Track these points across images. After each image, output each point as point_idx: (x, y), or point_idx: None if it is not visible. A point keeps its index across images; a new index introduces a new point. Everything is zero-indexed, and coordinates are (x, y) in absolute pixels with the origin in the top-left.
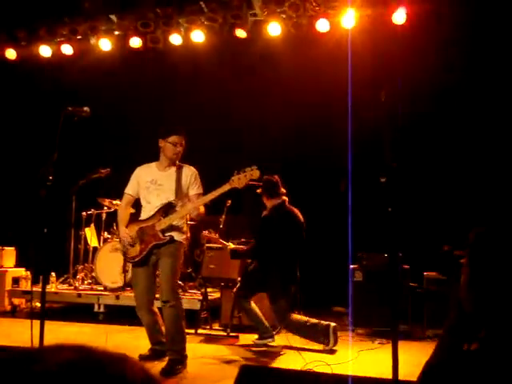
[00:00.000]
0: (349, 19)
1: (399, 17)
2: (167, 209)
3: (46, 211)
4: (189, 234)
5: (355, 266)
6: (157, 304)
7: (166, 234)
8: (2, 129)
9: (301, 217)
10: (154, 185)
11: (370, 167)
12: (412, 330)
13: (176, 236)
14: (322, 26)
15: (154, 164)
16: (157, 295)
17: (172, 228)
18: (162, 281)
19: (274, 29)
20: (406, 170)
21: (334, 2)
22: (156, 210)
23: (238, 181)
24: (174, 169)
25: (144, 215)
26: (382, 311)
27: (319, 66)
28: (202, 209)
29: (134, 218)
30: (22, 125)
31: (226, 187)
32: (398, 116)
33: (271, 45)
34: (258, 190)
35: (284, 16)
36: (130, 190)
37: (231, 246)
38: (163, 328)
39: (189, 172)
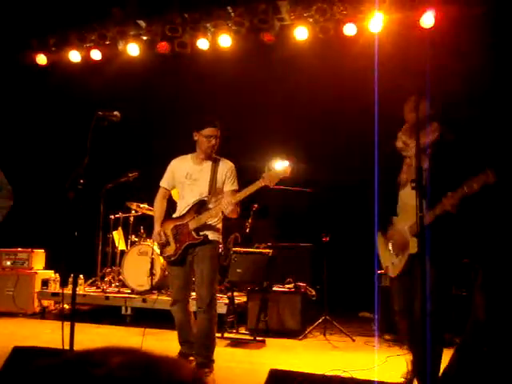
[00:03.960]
0: (376, 23)
1: (427, 20)
2: (200, 206)
3: (75, 214)
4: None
5: (382, 271)
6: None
7: (201, 234)
8: (34, 133)
9: None
10: (188, 179)
11: (397, 171)
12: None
13: (210, 235)
14: (349, 30)
15: (189, 156)
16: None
17: (206, 227)
18: (197, 286)
19: (301, 33)
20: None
21: (362, 6)
22: (189, 207)
23: (270, 178)
24: (209, 162)
25: (179, 211)
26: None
27: (346, 70)
28: (237, 208)
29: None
30: (53, 129)
31: (258, 184)
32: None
33: (298, 49)
34: None
35: (311, 20)
36: (164, 182)
37: None
38: (194, 329)
39: (225, 167)
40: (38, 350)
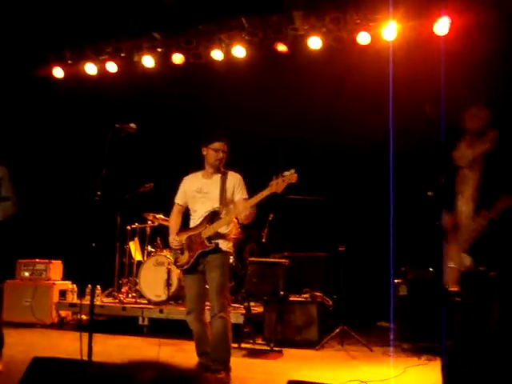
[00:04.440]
0: (390, 31)
1: (442, 28)
2: (212, 216)
3: (93, 225)
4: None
5: (399, 280)
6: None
7: (212, 242)
8: (51, 145)
9: None
10: (199, 193)
11: (414, 181)
12: None
13: (221, 244)
14: (363, 38)
15: (199, 173)
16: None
17: (218, 235)
18: (210, 293)
19: (315, 43)
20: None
21: (375, 15)
22: (202, 218)
23: (277, 185)
24: (218, 176)
25: (192, 223)
26: (428, 326)
27: (360, 78)
28: (252, 214)
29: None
30: (71, 141)
31: (265, 192)
32: (443, 129)
33: (312, 59)
34: None
35: (325, 30)
36: (178, 199)
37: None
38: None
39: (233, 178)
40: (57, 360)
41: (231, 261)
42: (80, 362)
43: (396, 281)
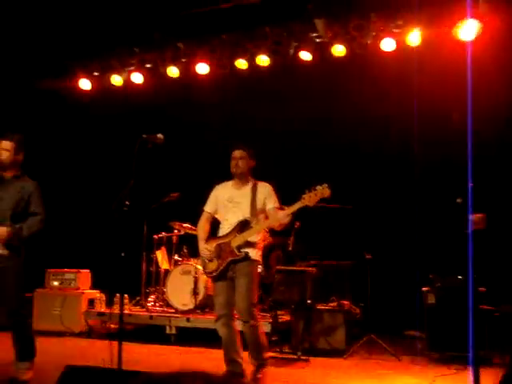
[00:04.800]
0: (415, 37)
1: (468, 33)
2: (243, 226)
3: (121, 235)
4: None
5: (427, 288)
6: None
7: (242, 250)
8: (79, 157)
9: None
10: (231, 203)
11: (441, 188)
12: (490, 356)
13: (251, 253)
14: (388, 45)
15: (230, 182)
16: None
17: (247, 244)
18: (238, 301)
19: (339, 50)
20: (481, 191)
21: (399, 21)
22: (232, 227)
23: (309, 199)
24: (249, 186)
25: (222, 232)
26: (457, 336)
27: (384, 85)
28: (289, 215)
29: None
30: (98, 152)
31: (297, 205)
32: (470, 137)
33: (336, 66)
34: None
35: (348, 37)
36: (208, 207)
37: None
38: (240, 350)
39: (264, 189)
40: (89, 368)
41: (260, 270)
42: (111, 371)
43: (424, 289)
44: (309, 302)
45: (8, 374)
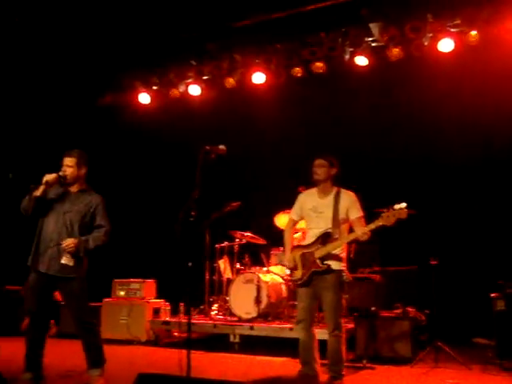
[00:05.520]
0: (473, 37)
1: None
2: (325, 238)
3: (185, 245)
4: None
5: (496, 294)
6: None
7: (325, 263)
8: (142, 169)
9: None
10: (315, 212)
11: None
12: None
13: (334, 265)
14: (445, 45)
15: (315, 190)
16: None
17: (330, 256)
18: (325, 313)
19: (395, 53)
20: None
21: (457, 20)
22: (316, 237)
23: (387, 219)
24: (332, 196)
25: (307, 241)
26: None
27: (444, 87)
28: (368, 232)
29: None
30: (160, 164)
31: (376, 224)
32: None
33: (392, 69)
34: None
35: (405, 39)
36: (293, 214)
37: None
38: (316, 354)
39: (347, 197)
40: (161, 376)
41: (344, 277)
42: (184, 379)
43: (493, 295)
44: (373, 309)
45: (82, 381)
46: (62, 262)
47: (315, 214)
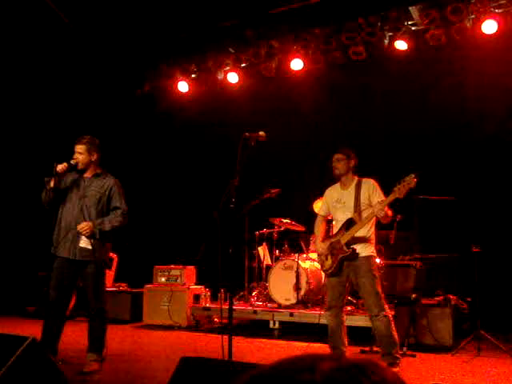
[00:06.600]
0: None
1: None
2: (348, 224)
3: (226, 232)
4: None
5: None
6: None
7: (350, 247)
8: (182, 157)
9: None
10: (339, 203)
11: None
12: None
13: (360, 249)
14: (489, 27)
15: (338, 184)
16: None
17: (355, 240)
18: (365, 300)
19: (436, 37)
20: None
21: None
22: (340, 226)
23: (399, 191)
24: (353, 186)
25: (334, 231)
26: None
27: (488, 70)
28: (389, 212)
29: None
30: (198, 151)
31: (390, 198)
32: None
33: (434, 53)
34: None
35: (446, 22)
36: (320, 210)
37: None
38: (345, 339)
39: (367, 185)
40: (205, 360)
41: (378, 261)
42: (227, 362)
43: None
44: (413, 296)
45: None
46: (81, 245)
47: (339, 205)
